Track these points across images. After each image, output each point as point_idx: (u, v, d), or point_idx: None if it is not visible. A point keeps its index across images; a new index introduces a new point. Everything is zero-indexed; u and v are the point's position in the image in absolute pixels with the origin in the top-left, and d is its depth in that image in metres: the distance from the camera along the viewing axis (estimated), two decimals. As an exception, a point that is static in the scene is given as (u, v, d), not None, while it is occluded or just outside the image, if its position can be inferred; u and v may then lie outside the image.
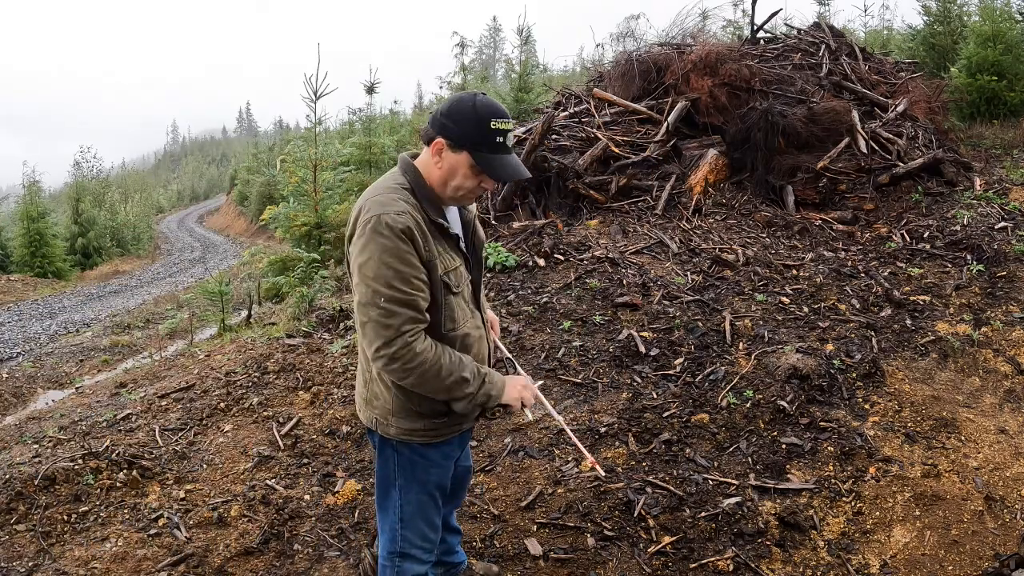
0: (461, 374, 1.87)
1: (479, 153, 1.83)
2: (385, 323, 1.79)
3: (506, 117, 1.86)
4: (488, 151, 1.84)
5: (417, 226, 1.82)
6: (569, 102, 8.60)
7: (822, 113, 7.24)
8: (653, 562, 2.75)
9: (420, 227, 1.83)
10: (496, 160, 1.86)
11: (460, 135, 1.83)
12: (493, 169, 1.85)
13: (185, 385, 4.57)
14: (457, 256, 1.97)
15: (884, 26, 19.00)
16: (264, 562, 2.88)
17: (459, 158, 1.85)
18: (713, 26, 14.97)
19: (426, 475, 2.07)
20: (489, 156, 1.85)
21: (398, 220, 1.78)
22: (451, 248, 1.96)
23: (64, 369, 7.54)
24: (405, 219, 1.80)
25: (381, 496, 2.10)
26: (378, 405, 2.00)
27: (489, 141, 1.83)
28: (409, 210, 1.83)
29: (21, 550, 2.93)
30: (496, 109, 1.85)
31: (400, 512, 2.07)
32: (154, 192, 45.48)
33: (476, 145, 1.83)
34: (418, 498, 2.07)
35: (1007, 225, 5.92)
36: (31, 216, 17.75)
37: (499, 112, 1.85)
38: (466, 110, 1.83)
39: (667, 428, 3.57)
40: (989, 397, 3.82)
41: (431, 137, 1.88)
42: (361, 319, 1.83)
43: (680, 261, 5.55)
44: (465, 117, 1.83)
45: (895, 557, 2.72)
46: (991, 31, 9.64)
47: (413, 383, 1.84)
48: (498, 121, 1.84)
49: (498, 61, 42.72)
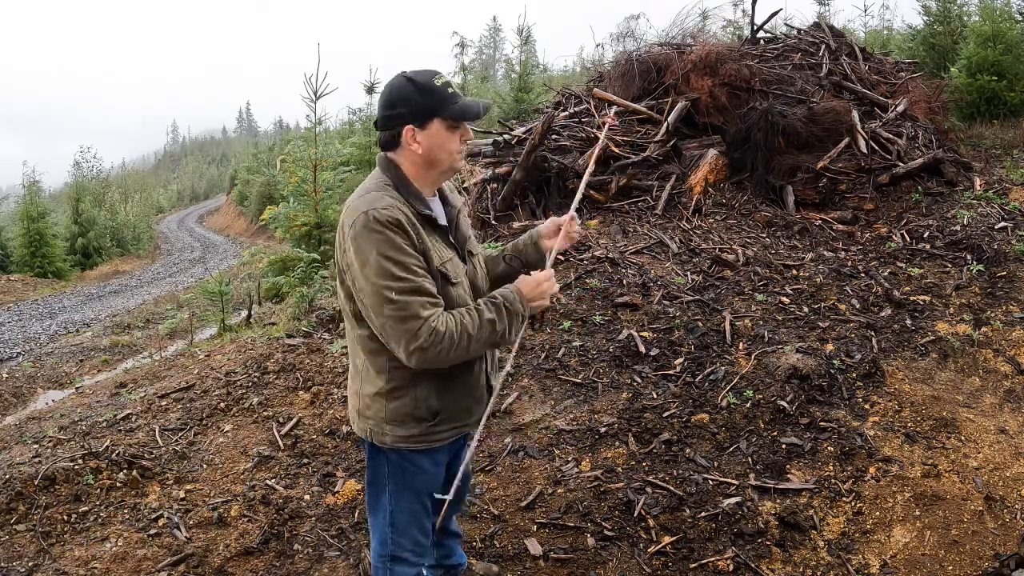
0: (487, 318, 1.86)
1: (445, 111, 1.84)
2: (403, 316, 1.76)
3: (438, 72, 1.88)
4: (451, 103, 1.85)
5: (407, 219, 1.81)
6: (569, 102, 8.60)
7: (822, 113, 7.23)
8: (653, 562, 2.75)
9: (409, 219, 1.82)
10: (459, 104, 1.87)
11: (418, 110, 1.84)
12: (466, 111, 1.86)
13: (185, 385, 4.57)
14: (449, 248, 1.95)
15: (884, 26, 19.01)
16: (264, 562, 2.88)
17: (432, 130, 1.85)
18: (713, 26, 14.96)
19: (416, 482, 2.05)
20: (455, 107, 1.85)
21: (385, 214, 1.77)
22: (442, 240, 1.94)
23: (64, 369, 7.54)
24: (394, 212, 1.79)
25: (372, 500, 2.10)
26: (371, 415, 1.98)
27: (443, 97, 1.84)
28: (396, 204, 1.82)
29: (21, 550, 2.93)
30: (427, 71, 1.88)
31: (391, 517, 2.06)
32: (154, 192, 45.47)
33: (438, 108, 1.84)
34: (410, 505, 2.06)
35: (1007, 225, 5.92)
36: (31, 216, 17.75)
37: (428, 72, 1.87)
38: (406, 89, 1.85)
39: (667, 428, 3.57)
40: (989, 397, 3.82)
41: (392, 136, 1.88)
42: (378, 324, 1.81)
43: (680, 261, 5.54)
44: (410, 94, 1.84)
45: (895, 557, 2.72)
46: (991, 31, 9.64)
47: (455, 358, 1.83)
48: (436, 78, 1.86)
49: (498, 61, 42.75)
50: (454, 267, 1.93)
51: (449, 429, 2.02)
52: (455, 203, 2.08)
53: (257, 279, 9.94)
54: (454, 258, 1.95)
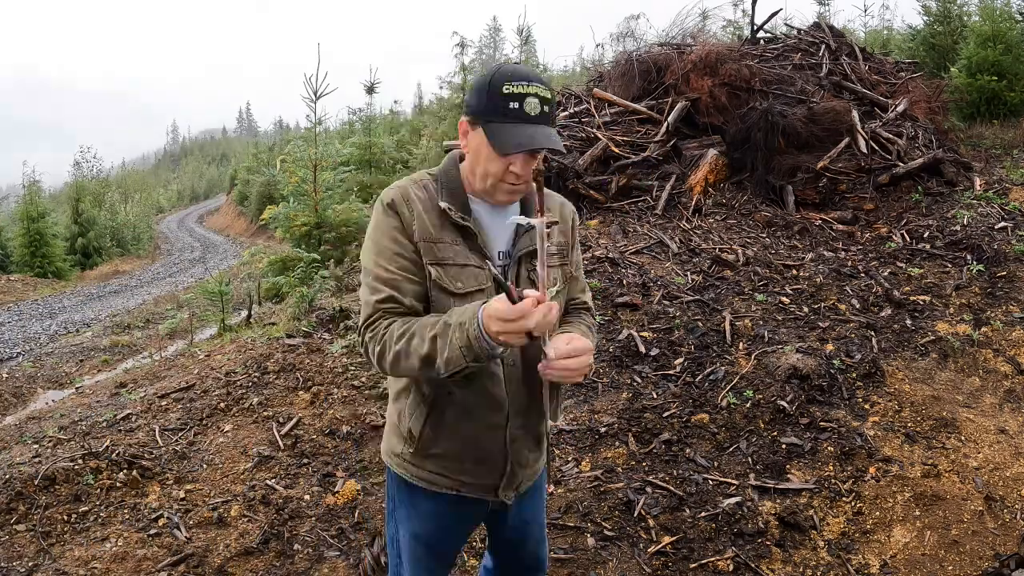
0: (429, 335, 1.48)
1: (489, 124, 1.52)
2: (367, 300, 1.60)
3: (527, 80, 1.51)
4: (500, 119, 1.51)
5: (409, 200, 1.60)
6: (569, 102, 8.60)
7: (822, 113, 7.24)
8: (653, 562, 2.75)
9: (416, 203, 1.60)
10: (507, 129, 1.50)
11: (475, 107, 1.55)
12: (498, 139, 1.50)
13: (185, 385, 4.57)
14: (474, 256, 1.61)
15: (884, 26, 19.01)
16: (264, 562, 2.88)
17: (477, 136, 1.56)
18: (713, 26, 14.96)
19: (412, 522, 1.78)
20: (500, 126, 1.51)
21: (389, 194, 1.62)
22: (465, 246, 1.62)
23: (64, 369, 7.54)
24: (395, 192, 1.62)
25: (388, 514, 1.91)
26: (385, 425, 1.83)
27: (500, 108, 1.50)
28: (408, 186, 1.63)
29: (21, 550, 2.93)
30: (514, 72, 1.53)
31: (397, 547, 1.86)
32: (154, 192, 45.49)
33: (487, 115, 1.52)
34: (411, 543, 1.80)
35: (1007, 225, 5.92)
36: (31, 216, 17.75)
37: (517, 75, 1.52)
38: (482, 79, 1.56)
39: (667, 428, 3.57)
40: (989, 397, 3.82)
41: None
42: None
43: (680, 261, 5.54)
44: (480, 86, 1.56)
45: (895, 557, 2.72)
46: (991, 31, 9.64)
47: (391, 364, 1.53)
48: (513, 84, 1.50)
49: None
50: (462, 276, 1.60)
51: (438, 474, 1.70)
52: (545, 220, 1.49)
53: (257, 279, 9.94)
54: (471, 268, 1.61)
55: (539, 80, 1.54)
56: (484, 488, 1.71)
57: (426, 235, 1.59)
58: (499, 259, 1.66)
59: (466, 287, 1.60)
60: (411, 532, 1.78)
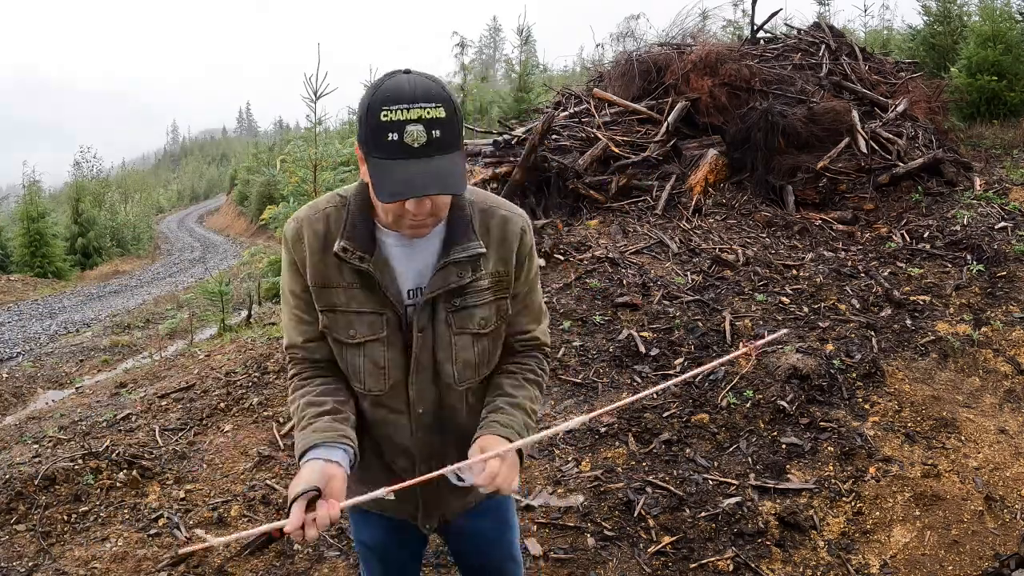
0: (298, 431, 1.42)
1: (371, 159, 1.28)
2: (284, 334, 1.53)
3: (408, 102, 1.23)
4: (380, 155, 1.26)
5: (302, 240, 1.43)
6: (569, 102, 8.60)
7: (822, 113, 7.24)
8: (653, 562, 2.75)
9: (311, 242, 1.43)
10: (387, 169, 1.26)
11: (360, 134, 1.31)
12: (378, 182, 1.27)
13: (185, 385, 4.57)
14: (373, 302, 1.43)
15: (884, 26, 19.02)
16: (264, 562, 2.88)
17: (364, 169, 1.34)
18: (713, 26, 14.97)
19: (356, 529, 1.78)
20: (381, 163, 1.26)
21: (287, 226, 1.47)
22: (363, 290, 1.43)
23: (64, 369, 7.54)
24: (291, 227, 1.46)
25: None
26: None
27: (378, 140, 1.25)
28: (306, 219, 1.45)
29: (21, 550, 2.93)
30: (394, 92, 1.24)
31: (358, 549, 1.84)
32: (154, 192, 45.48)
33: (370, 147, 1.28)
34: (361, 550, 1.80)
35: (1007, 225, 5.92)
36: (31, 216, 17.74)
37: (397, 95, 1.24)
38: (363, 99, 1.28)
39: (667, 428, 3.57)
40: (989, 397, 3.82)
41: None
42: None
43: (680, 261, 5.54)
44: (360, 109, 1.29)
45: (895, 557, 2.72)
46: (991, 31, 9.65)
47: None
48: (391, 109, 1.23)
49: (498, 61, 42.74)
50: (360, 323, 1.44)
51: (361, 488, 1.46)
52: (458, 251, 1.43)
53: (257, 279, 9.94)
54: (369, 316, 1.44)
55: (427, 96, 1.24)
56: (407, 516, 1.64)
57: (317, 279, 1.43)
58: (408, 298, 1.45)
59: (359, 336, 1.45)
60: (357, 539, 1.79)
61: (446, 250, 1.43)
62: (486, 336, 1.51)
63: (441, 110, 1.26)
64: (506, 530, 1.80)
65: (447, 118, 1.27)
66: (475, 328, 1.49)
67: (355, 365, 1.48)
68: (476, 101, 15.35)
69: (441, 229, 1.44)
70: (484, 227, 1.48)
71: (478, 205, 1.49)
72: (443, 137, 1.26)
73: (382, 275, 1.41)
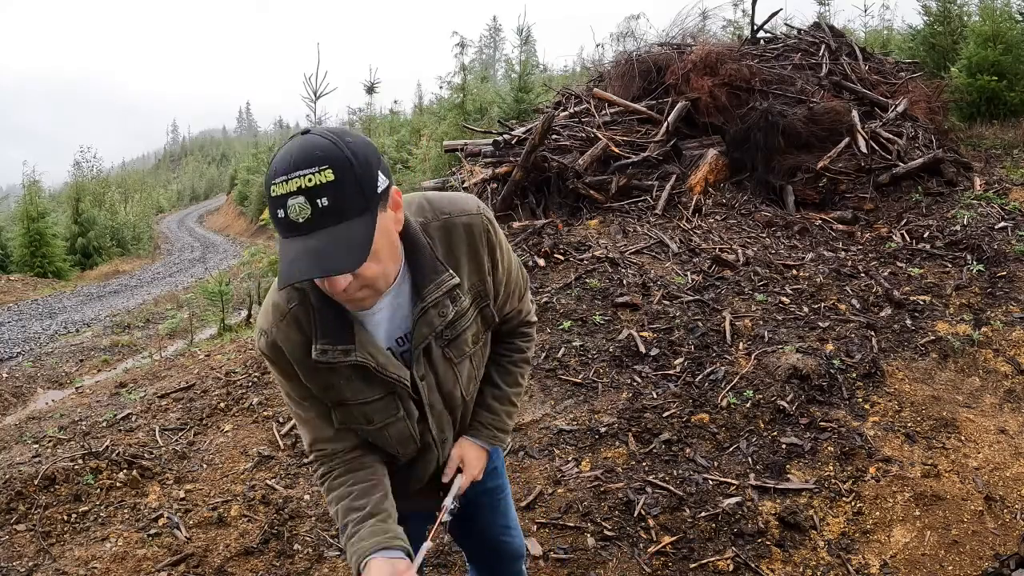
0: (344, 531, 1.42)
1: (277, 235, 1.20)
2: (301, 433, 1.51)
3: (285, 173, 1.12)
4: (279, 233, 1.17)
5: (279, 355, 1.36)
6: (569, 102, 8.59)
7: (822, 113, 7.24)
8: (653, 562, 2.75)
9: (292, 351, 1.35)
10: (283, 248, 1.17)
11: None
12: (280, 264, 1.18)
13: (185, 385, 4.57)
14: (375, 388, 1.39)
15: (884, 26, 19.01)
16: (264, 562, 2.88)
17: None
18: (713, 26, 14.99)
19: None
20: (280, 241, 1.18)
21: (259, 341, 1.38)
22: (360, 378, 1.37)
23: (64, 369, 7.54)
24: (263, 342, 1.37)
25: None
26: None
27: (274, 218, 1.17)
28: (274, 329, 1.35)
29: (21, 550, 2.93)
30: (277, 162, 1.14)
31: None
32: (154, 192, 45.43)
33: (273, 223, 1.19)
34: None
35: (1007, 225, 5.92)
36: (31, 216, 17.74)
37: (278, 165, 1.13)
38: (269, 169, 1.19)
39: (667, 428, 3.57)
40: (989, 397, 3.82)
41: None
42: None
43: (680, 261, 5.54)
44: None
45: (895, 557, 2.72)
46: (991, 31, 9.64)
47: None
48: (275, 182, 1.13)
49: (498, 61, 42.72)
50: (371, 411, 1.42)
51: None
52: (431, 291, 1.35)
53: (257, 279, 9.93)
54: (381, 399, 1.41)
55: (310, 161, 1.11)
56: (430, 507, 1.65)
57: (315, 383, 1.37)
58: (398, 345, 1.41)
59: (378, 421, 1.43)
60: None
61: (419, 294, 1.34)
62: (480, 350, 1.52)
63: (328, 172, 1.11)
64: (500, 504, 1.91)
65: (337, 180, 1.11)
66: (470, 349, 1.48)
67: (383, 440, 1.48)
68: (476, 101, 15.34)
69: (405, 272, 1.34)
70: (448, 247, 1.38)
71: (433, 225, 1.37)
72: (333, 204, 1.11)
73: (375, 360, 1.34)
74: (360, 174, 1.14)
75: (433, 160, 14.25)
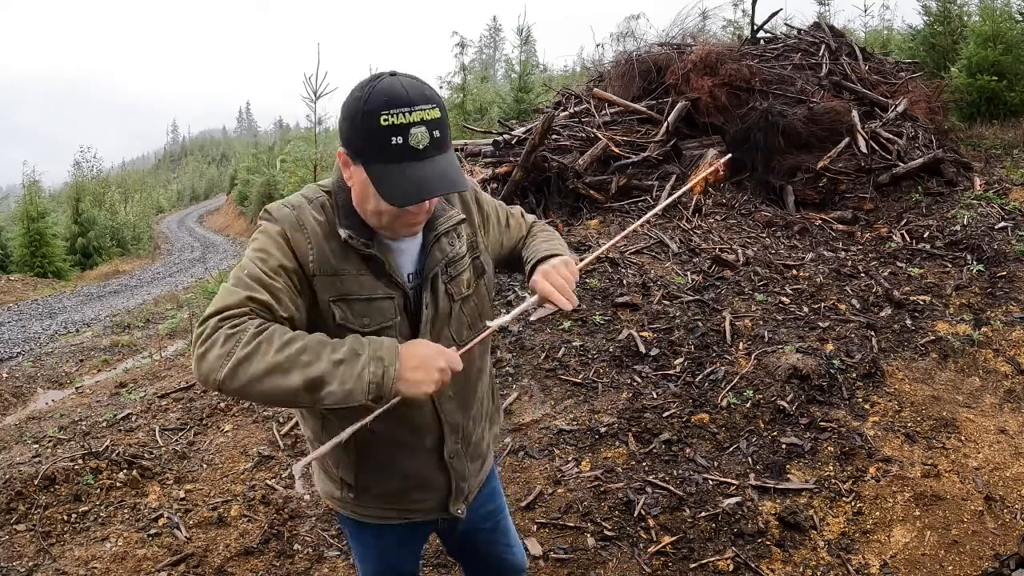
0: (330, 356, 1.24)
1: (372, 164, 1.28)
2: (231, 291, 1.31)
3: (408, 105, 1.24)
4: (383, 160, 1.27)
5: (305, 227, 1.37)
6: (569, 102, 8.60)
7: (822, 113, 7.24)
8: (653, 562, 2.75)
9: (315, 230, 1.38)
10: (393, 173, 1.26)
11: (350, 139, 1.31)
12: (386, 186, 1.27)
13: (185, 385, 4.57)
14: (381, 287, 1.42)
15: (884, 26, 19.01)
16: (264, 562, 2.88)
17: (359, 173, 1.32)
18: (713, 26, 14.99)
19: (364, 560, 1.75)
20: (384, 168, 1.27)
21: (280, 214, 1.38)
22: (371, 275, 1.41)
23: (64, 369, 7.54)
24: (288, 215, 1.38)
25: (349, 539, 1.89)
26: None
27: (380, 145, 1.25)
28: (303, 207, 1.39)
29: (21, 550, 2.93)
30: (391, 95, 1.25)
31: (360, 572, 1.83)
32: (154, 192, 45.42)
33: (367, 153, 1.28)
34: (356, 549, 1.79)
35: (1007, 225, 5.92)
36: (31, 216, 17.73)
37: (395, 99, 1.25)
38: (354, 103, 1.28)
39: (667, 428, 3.57)
40: (989, 397, 3.82)
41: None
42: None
43: (680, 261, 5.54)
44: (352, 113, 1.28)
45: (895, 557, 2.72)
46: (991, 31, 9.65)
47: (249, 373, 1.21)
48: (390, 113, 1.24)
49: (498, 61, 42.72)
50: (372, 311, 1.41)
51: (381, 508, 1.62)
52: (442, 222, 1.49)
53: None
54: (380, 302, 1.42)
55: (423, 98, 1.26)
56: (434, 509, 1.65)
57: (327, 268, 1.37)
58: (409, 281, 1.47)
59: (373, 323, 1.41)
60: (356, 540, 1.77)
61: (432, 226, 1.48)
62: (471, 297, 1.58)
63: (437, 111, 1.30)
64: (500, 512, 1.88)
65: (442, 118, 1.30)
66: (464, 291, 1.55)
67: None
68: (476, 101, 15.34)
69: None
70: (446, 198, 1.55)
71: None
72: (442, 137, 1.30)
73: (387, 257, 1.43)
74: (447, 113, 1.34)
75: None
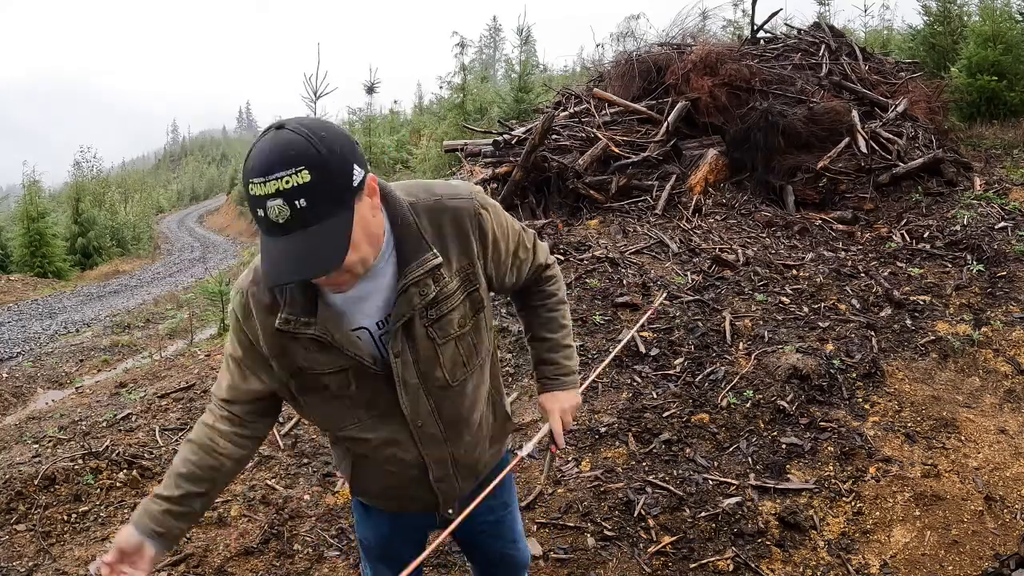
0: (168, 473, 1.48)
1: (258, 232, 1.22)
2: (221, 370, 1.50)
3: (262, 175, 1.11)
4: (258, 227, 1.19)
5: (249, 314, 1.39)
6: (569, 102, 8.60)
7: (822, 113, 7.24)
8: (653, 562, 2.75)
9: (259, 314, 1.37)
10: (267, 246, 1.18)
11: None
12: (263, 261, 1.20)
13: (185, 385, 4.57)
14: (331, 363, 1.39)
15: (884, 26, 19.00)
16: (264, 562, 2.88)
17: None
18: (713, 26, 14.99)
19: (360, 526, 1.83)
20: (263, 238, 1.19)
21: (234, 299, 1.42)
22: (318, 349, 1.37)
23: (64, 369, 7.54)
24: (237, 301, 1.41)
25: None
26: None
27: (254, 215, 1.16)
28: (248, 290, 1.39)
29: (21, 550, 2.93)
30: (254, 161, 1.13)
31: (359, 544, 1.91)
32: (154, 192, 45.43)
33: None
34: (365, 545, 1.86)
35: (1007, 225, 5.92)
36: (31, 216, 17.73)
37: (256, 166, 1.12)
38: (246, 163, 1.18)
39: (667, 428, 3.57)
40: (989, 397, 3.82)
41: None
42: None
43: (680, 261, 5.54)
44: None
45: (895, 557, 2.72)
46: (991, 31, 9.65)
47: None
48: (253, 182, 1.12)
49: (498, 61, 42.69)
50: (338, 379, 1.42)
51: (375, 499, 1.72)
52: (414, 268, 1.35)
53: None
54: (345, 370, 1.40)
55: (283, 163, 1.10)
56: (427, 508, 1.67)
57: (275, 350, 1.39)
58: (378, 328, 1.40)
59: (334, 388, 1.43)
60: (362, 536, 1.84)
61: (402, 272, 1.35)
62: (467, 334, 1.48)
63: (304, 173, 1.10)
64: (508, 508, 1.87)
65: (312, 181, 1.11)
66: (455, 331, 1.45)
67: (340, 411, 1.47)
68: (476, 101, 15.34)
69: (390, 251, 1.35)
70: (436, 228, 1.39)
71: (422, 205, 1.38)
72: (310, 207, 1.12)
73: (332, 335, 1.34)
74: (336, 171, 1.14)
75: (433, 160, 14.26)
